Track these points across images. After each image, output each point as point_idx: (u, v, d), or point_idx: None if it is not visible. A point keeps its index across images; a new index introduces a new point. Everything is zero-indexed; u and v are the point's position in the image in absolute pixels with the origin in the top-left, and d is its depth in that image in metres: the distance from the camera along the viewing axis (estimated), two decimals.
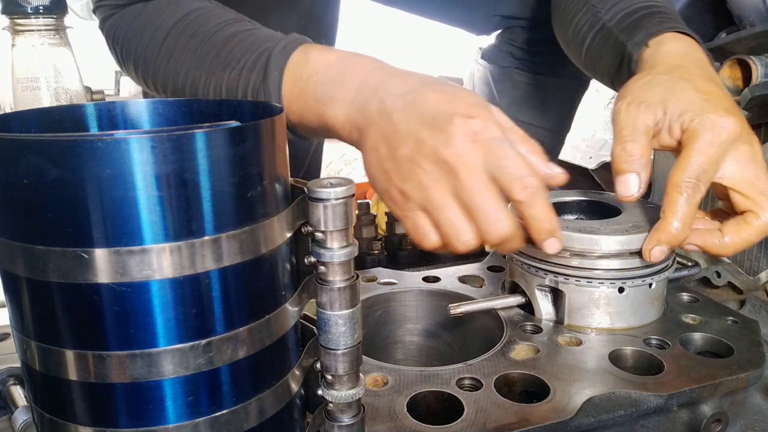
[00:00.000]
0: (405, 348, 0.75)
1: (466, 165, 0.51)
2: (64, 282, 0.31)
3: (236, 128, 0.32)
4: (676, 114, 0.56)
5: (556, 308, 0.63)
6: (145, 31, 0.71)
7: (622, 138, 0.57)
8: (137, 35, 0.72)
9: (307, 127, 0.63)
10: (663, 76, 0.60)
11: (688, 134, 0.55)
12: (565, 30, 0.85)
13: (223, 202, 0.32)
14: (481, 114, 0.52)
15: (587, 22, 0.79)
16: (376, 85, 0.56)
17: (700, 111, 0.55)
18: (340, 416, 0.39)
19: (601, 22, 0.76)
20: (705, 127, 0.54)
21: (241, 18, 0.69)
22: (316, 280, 0.37)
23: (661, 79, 0.59)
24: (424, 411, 0.51)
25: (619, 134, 0.58)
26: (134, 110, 0.43)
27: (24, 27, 0.75)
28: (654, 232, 0.58)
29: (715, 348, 0.59)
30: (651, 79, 0.60)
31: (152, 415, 0.33)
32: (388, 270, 0.78)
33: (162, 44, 0.69)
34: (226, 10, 0.70)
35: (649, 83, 0.60)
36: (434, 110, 0.52)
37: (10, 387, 0.52)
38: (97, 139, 0.29)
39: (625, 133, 0.57)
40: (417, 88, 0.54)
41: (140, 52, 0.72)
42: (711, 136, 0.54)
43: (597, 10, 0.77)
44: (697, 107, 0.56)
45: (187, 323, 0.32)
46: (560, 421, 0.48)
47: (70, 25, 0.78)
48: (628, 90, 0.60)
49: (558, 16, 0.89)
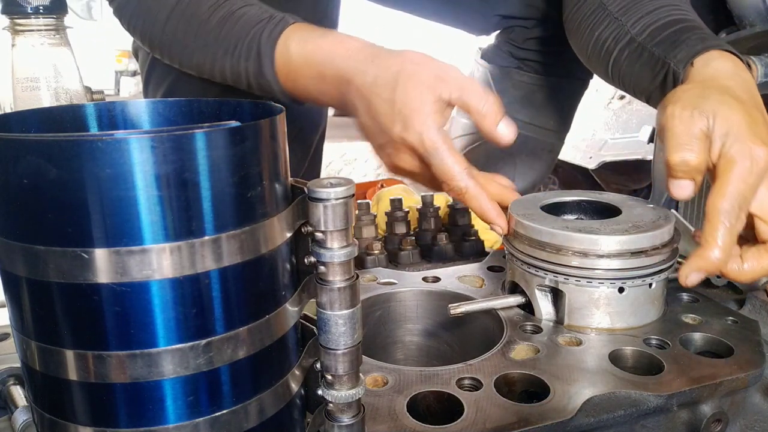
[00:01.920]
0: (405, 348, 0.75)
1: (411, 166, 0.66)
2: (64, 282, 0.31)
3: (236, 128, 0.32)
4: (721, 133, 0.56)
5: (556, 308, 0.63)
6: (148, 14, 0.76)
7: (679, 145, 0.57)
8: (141, 16, 0.77)
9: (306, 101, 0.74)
10: (713, 90, 0.60)
11: (727, 159, 0.56)
12: (585, 43, 0.84)
13: (223, 202, 0.32)
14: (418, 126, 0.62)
15: (611, 35, 0.79)
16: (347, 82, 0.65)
17: (742, 137, 0.56)
18: (340, 416, 0.39)
19: (628, 36, 0.76)
20: (744, 155, 0.55)
21: None
22: (316, 280, 0.37)
23: (712, 93, 0.60)
24: (424, 411, 0.51)
25: (675, 140, 0.58)
26: (134, 110, 0.43)
27: (24, 27, 0.75)
28: (694, 258, 0.56)
29: (715, 348, 0.59)
30: (702, 91, 0.60)
31: (152, 415, 0.33)
32: (388, 270, 0.78)
33: (164, 27, 0.75)
34: None
35: (701, 95, 0.60)
36: (382, 122, 0.64)
37: (10, 387, 0.52)
38: (97, 139, 0.29)
39: (682, 140, 0.57)
40: (371, 93, 0.64)
41: (146, 33, 0.78)
42: (750, 165, 0.55)
43: (621, 23, 0.77)
44: (740, 132, 0.56)
45: (187, 323, 0.32)
46: (560, 421, 0.48)
47: (70, 25, 0.78)
48: (678, 96, 0.60)
49: (574, 29, 0.88)
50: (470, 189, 0.63)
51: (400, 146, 0.64)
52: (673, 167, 0.58)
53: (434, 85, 0.61)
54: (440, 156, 0.62)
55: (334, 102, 0.70)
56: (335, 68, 0.66)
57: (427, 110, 0.61)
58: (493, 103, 0.62)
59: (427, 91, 0.61)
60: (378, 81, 0.63)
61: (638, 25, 0.76)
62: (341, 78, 0.66)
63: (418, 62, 0.63)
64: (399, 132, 0.62)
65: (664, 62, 0.71)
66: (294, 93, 0.72)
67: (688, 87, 0.63)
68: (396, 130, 0.62)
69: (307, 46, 0.68)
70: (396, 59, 0.63)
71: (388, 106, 0.62)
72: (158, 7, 0.75)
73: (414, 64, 0.62)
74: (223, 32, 0.71)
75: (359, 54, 0.65)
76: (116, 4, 0.80)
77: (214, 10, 0.72)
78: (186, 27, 0.74)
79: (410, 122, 0.61)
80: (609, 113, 1.78)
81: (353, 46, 0.66)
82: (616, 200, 0.69)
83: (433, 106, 0.61)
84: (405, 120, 0.62)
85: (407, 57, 0.64)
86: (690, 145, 0.57)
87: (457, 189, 0.63)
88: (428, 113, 0.61)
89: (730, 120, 0.56)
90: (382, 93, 0.63)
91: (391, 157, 0.66)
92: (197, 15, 0.73)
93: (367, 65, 0.64)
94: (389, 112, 0.62)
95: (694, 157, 0.57)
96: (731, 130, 0.56)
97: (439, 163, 0.62)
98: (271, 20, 0.70)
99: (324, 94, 0.69)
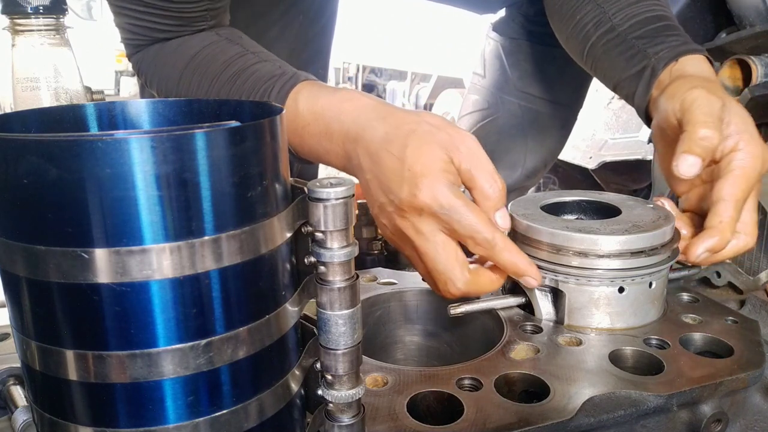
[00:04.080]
0: (405, 348, 0.75)
1: (419, 233, 0.58)
2: (64, 282, 0.31)
3: (236, 128, 0.32)
4: (738, 129, 0.60)
5: (556, 308, 0.63)
6: (163, 70, 0.77)
7: (703, 122, 0.60)
8: (157, 73, 0.78)
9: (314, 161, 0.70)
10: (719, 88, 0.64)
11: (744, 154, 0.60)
12: (566, 24, 0.86)
13: (223, 202, 0.32)
14: (430, 184, 0.56)
15: (592, 20, 0.80)
16: (354, 139, 0.61)
17: (756, 138, 0.60)
18: (340, 416, 0.39)
19: (609, 23, 0.78)
20: (757, 155, 0.60)
21: (244, 51, 0.74)
22: (316, 280, 0.37)
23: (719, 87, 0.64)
24: (424, 411, 0.51)
25: (700, 117, 0.60)
26: (134, 110, 0.43)
27: (24, 27, 0.75)
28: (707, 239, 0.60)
29: (715, 348, 0.59)
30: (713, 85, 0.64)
31: (152, 415, 0.33)
32: (388, 270, 0.78)
33: (178, 83, 0.76)
34: (231, 45, 0.75)
35: (714, 87, 0.63)
36: (389, 179, 0.58)
37: (10, 387, 0.52)
38: (97, 139, 0.29)
39: (707, 118, 0.60)
40: (380, 148, 0.58)
41: (161, 87, 0.78)
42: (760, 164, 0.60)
43: (604, 10, 0.79)
44: (754, 132, 0.61)
45: (187, 323, 0.32)
46: (560, 421, 0.48)
47: (70, 25, 0.78)
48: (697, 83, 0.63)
49: (556, 9, 0.89)
50: (499, 240, 0.56)
51: (408, 209, 0.57)
52: (695, 141, 0.59)
53: (448, 148, 0.57)
54: (461, 211, 0.55)
55: (339, 161, 0.64)
56: (343, 125, 0.62)
57: (439, 168, 0.56)
58: (500, 189, 0.58)
59: (441, 151, 0.56)
60: (389, 137, 0.58)
61: (620, 15, 0.78)
62: (348, 135, 0.62)
63: (434, 124, 0.58)
64: (408, 193, 0.56)
65: (644, 55, 0.73)
66: (301, 150, 0.68)
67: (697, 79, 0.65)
68: (405, 190, 0.57)
69: (317, 102, 0.65)
70: (411, 118, 0.59)
71: (397, 163, 0.57)
72: (174, 61, 0.76)
73: (430, 125, 0.58)
74: (235, 87, 0.71)
75: (371, 112, 0.62)
76: (135, 59, 0.81)
77: (227, 66, 0.72)
78: (200, 81, 0.74)
79: (421, 182, 0.56)
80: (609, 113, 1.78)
81: (364, 103, 0.63)
82: (616, 200, 0.69)
83: (444, 166, 0.56)
84: (415, 179, 0.56)
85: (423, 118, 0.60)
86: (714, 123, 0.60)
87: (485, 242, 0.56)
88: (440, 171, 0.56)
89: (745, 119, 0.61)
90: (393, 149, 0.58)
91: (392, 218, 0.59)
92: (211, 71, 0.73)
93: (379, 122, 0.60)
94: (398, 169, 0.57)
95: (717, 136, 0.59)
96: (747, 129, 0.60)
97: (460, 219, 0.55)
98: (283, 76, 0.69)
99: (329, 152, 0.65)
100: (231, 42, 0.75)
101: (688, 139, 0.59)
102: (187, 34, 0.76)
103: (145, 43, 0.78)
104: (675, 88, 0.65)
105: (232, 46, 0.75)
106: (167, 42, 0.77)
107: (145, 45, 0.78)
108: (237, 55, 0.73)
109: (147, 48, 0.79)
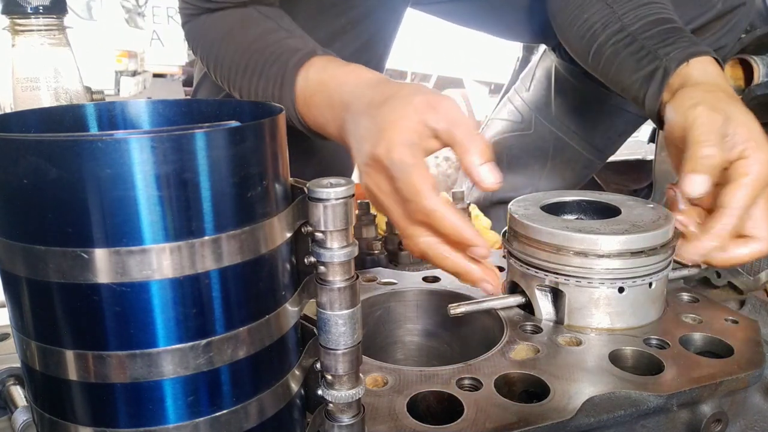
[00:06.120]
0: (405, 348, 0.75)
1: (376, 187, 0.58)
2: (64, 282, 0.31)
3: (236, 128, 0.32)
4: (743, 138, 0.60)
5: (556, 308, 0.63)
6: (205, 39, 0.83)
7: (707, 141, 0.60)
8: (200, 41, 0.84)
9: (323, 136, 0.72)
10: (725, 95, 0.64)
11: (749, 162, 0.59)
12: (571, 23, 0.85)
13: (223, 202, 0.32)
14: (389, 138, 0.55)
15: (600, 20, 0.80)
16: (347, 107, 0.63)
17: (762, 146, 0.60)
18: (340, 416, 0.39)
19: (619, 23, 0.78)
20: (763, 162, 0.60)
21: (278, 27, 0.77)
22: (316, 280, 0.37)
23: (727, 99, 0.64)
24: (424, 411, 0.51)
25: (701, 137, 0.60)
26: (134, 110, 0.43)
27: (24, 27, 0.75)
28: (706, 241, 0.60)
29: (715, 348, 0.59)
30: (717, 96, 0.64)
31: (152, 415, 0.33)
32: (388, 270, 0.78)
33: (216, 51, 0.80)
34: (267, 20, 0.78)
35: (719, 99, 0.63)
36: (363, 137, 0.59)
37: (10, 387, 0.52)
38: (97, 139, 0.29)
39: (710, 137, 0.60)
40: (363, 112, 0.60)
41: (203, 55, 0.83)
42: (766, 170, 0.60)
43: (613, 10, 0.79)
44: (759, 140, 0.60)
45: (187, 323, 0.32)
46: (560, 421, 0.48)
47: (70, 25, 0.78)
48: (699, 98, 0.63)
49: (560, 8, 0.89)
50: (439, 207, 0.53)
51: (370, 163, 0.57)
52: (694, 160, 0.59)
53: (423, 109, 0.56)
54: (407, 170, 0.54)
55: (335, 131, 0.66)
56: (342, 95, 0.64)
57: (404, 126, 0.55)
58: (481, 141, 0.55)
59: (413, 112, 0.56)
60: (373, 102, 0.59)
61: (630, 15, 0.78)
62: (343, 104, 0.64)
63: (416, 90, 0.58)
64: (370, 147, 0.56)
65: (655, 56, 0.72)
66: (308, 121, 0.71)
67: (700, 90, 0.65)
68: (368, 144, 0.57)
69: (324, 73, 0.68)
70: (398, 86, 0.60)
71: (371, 122, 0.58)
72: (214, 32, 0.80)
73: (411, 90, 0.58)
74: (261, 57, 0.74)
75: (367, 83, 0.63)
76: (186, 28, 0.85)
77: (258, 38, 0.75)
78: (233, 50, 0.77)
79: (382, 135, 0.55)
80: None
81: (366, 77, 0.64)
82: (616, 200, 0.69)
83: (413, 125, 0.55)
84: (379, 133, 0.56)
85: (410, 86, 0.59)
86: (715, 141, 0.60)
87: (423, 209, 0.54)
88: (404, 129, 0.55)
89: (750, 128, 0.61)
90: (371, 111, 0.59)
91: (363, 176, 0.59)
92: (242, 41, 0.76)
93: (369, 90, 0.61)
94: (370, 127, 0.57)
95: (719, 153, 0.59)
96: (752, 137, 0.60)
97: (403, 177, 0.54)
98: (304, 49, 0.71)
99: (329, 123, 0.67)
100: (268, 18, 0.78)
101: (691, 159, 0.60)
102: (230, 7, 0.79)
103: (196, 12, 0.82)
104: (679, 101, 0.65)
105: (268, 21, 0.78)
106: (213, 13, 0.81)
107: (196, 15, 0.82)
108: (270, 30, 0.76)
109: (197, 18, 0.83)
